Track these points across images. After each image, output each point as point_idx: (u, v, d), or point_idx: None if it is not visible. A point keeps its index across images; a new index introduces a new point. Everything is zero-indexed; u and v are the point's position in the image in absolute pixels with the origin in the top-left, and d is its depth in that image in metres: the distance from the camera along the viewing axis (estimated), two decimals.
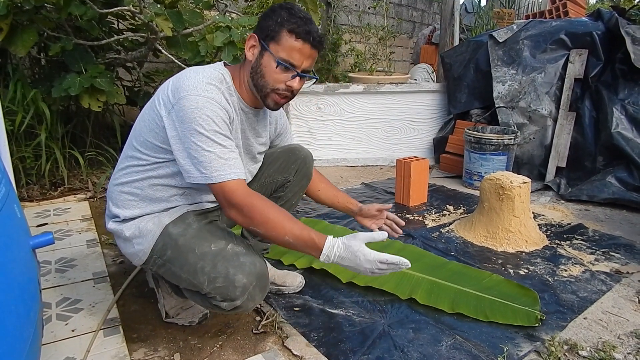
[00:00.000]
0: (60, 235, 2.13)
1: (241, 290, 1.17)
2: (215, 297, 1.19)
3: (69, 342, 1.35)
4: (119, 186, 1.30)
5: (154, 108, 1.23)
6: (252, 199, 1.16)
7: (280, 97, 1.26)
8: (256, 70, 1.24)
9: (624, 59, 2.91)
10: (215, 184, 1.15)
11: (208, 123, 1.14)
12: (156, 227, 1.25)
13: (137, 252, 1.27)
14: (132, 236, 1.27)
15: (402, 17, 7.03)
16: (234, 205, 1.15)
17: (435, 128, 3.83)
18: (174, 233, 1.24)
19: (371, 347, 1.34)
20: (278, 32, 1.19)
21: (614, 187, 2.72)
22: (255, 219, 1.15)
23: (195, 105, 1.13)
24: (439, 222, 2.42)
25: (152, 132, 1.23)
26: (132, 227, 1.27)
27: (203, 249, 1.21)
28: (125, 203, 1.29)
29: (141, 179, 1.27)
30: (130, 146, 1.30)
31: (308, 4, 2.97)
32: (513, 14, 6.01)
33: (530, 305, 1.54)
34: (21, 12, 2.38)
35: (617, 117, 2.84)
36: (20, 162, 2.63)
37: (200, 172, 1.14)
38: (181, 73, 1.24)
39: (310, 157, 1.59)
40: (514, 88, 3.24)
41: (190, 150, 1.14)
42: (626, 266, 1.91)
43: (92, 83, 2.52)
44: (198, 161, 1.14)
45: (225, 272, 1.17)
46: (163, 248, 1.24)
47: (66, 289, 1.66)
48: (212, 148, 1.14)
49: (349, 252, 1.15)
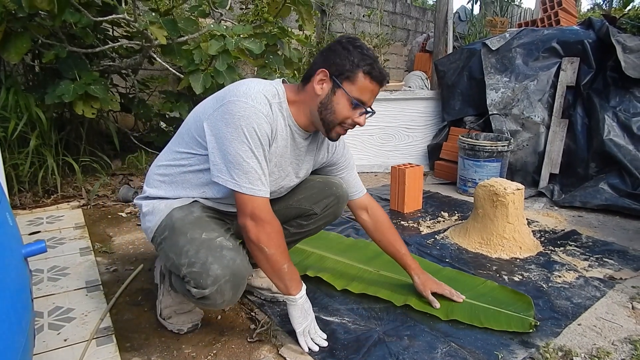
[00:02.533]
0: (53, 243, 2.12)
1: (212, 280, 1.18)
2: (189, 282, 1.21)
3: (61, 352, 1.33)
4: (156, 167, 1.40)
5: (205, 105, 1.30)
6: (276, 220, 1.26)
7: (344, 130, 1.32)
8: (326, 105, 1.27)
9: (615, 67, 2.94)
10: (245, 195, 1.20)
11: (252, 135, 1.17)
12: (165, 209, 1.31)
13: (147, 228, 1.35)
14: (147, 212, 1.34)
15: (396, 25, 7.09)
16: (257, 217, 1.21)
17: (429, 135, 3.85)
18: (175, 216, 1.28)
19: (366, 355, 1.34)
20: (354, 73, 1.24)
21: (606, 194, 2.74)
22: (272, 238, 1.23)
23: (242, 113, 1.17)
24: (434, 229, 2.43)
25: (195, 124, 1.29)
26: (149, 204, 1.35)
27: (194, 234, 1.24)
28: (155, 182, 1.38)
29: (176, 165, 1.34)
30: (178, 135, 1.37)
31: (303, 13, 2.99)
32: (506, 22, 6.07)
33: (524, 311, 1.54)
34: (15, 19, 2.38)
35: (608, 124, 2.87)
36: (13, 169, 2.61)
37: (233, 178, 1.19)
38: (240, 81, 1.31)
39: (345, 197, 1.57)
40: (507, 95, 3.27)
41: (227, 155, 1.18)
42: (619, 272, 1.92)
43: (86, 90, 2.52)
44: (234, 167, 1.19)
45: (204, 260, 1.19)
46: (164, 228, 1.29)
47: (58, 297, 1.64)
48: (251, 160, 1.19)
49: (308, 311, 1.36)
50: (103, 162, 3.03)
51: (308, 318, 1.37)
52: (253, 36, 2.77)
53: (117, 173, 3.23)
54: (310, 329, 1.37)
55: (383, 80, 1.27)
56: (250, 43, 2.58)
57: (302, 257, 1.93)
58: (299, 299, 1.32)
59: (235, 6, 4.16)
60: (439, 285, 1.60)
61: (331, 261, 1.91)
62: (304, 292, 1.34)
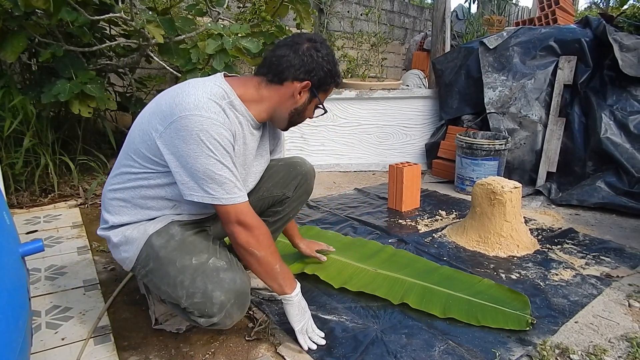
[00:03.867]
0: (51, 242, 2.11)
1: (218, 307, 1.18)
2: (193, 312, 1.20)
3: (58, 351, 1.33)
4: (111, 192, 1.31)
5: (149, 119, 1.22)
6: (262, 222, 1.26)
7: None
8: (299, 112, 1.34)
9: (612, 66, 2.95)
10: (226, 206, 1.18)
11: (216, 147, 1.14)
12: (141, 236, 1.25)
13: (124, 259, 1.29)
14: (119, 243, 1.28)
15: (394, 23, 7.09)
16: (243, 223, 1.20)
17: (427, 134, 3.86)
18: (156, 245, 1.23)
19: (364, 353, 1.34)
20: (329, 85, 1.34)
21: (603, 192, 2.75)
22: (261, 241, 1.23)
23: (200, 127, 1.12)
24: (432, 227, 2.43)
25: (145, 144, 1.21)
26: (118, 234, 1.28)
27: (184, 262, 1.21)
28: (115, 209, 1.30)
29: (132, 187, 1.27)
30: (125, 153, 1.29)
31: (301, 11, 2.99)
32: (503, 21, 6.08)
33: (521, 309, 1.55)
34: (11, 18, 2.37)
35: (605, 123, 2.87)
36: (10, 168, 2.60)
37: (208, 193, 1.16)
38: (180, 87, 1.23)
39: (312, 173, 1.61)
40: (505, 94, 3.28)
41: (196, 172, 1.14)
42: (616, 270, 1.93)
43: (82, 89, 2.51)
44: (206, 182, 1.15)
45: (204, 288, 1.18)
46: (146, 259, 1.24)
47: (56, 296, 1.64)
48: (222, 172, 1.16)
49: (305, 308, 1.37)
50: (100, 161, 3.02)
51: (305, 316, 1.38)
52: (251, 35, 2.76)
53: None
54: (308, 328, 1.37)
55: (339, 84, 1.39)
56: (248, 42, 2.57)
57: (299, 256, 1.93)
58: (295, 297, 1.33)
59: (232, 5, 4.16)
60: (318, 245, 1.87)
61: (329, 259, 1.91)
62: (299, 290, 1.34)
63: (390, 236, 2.28)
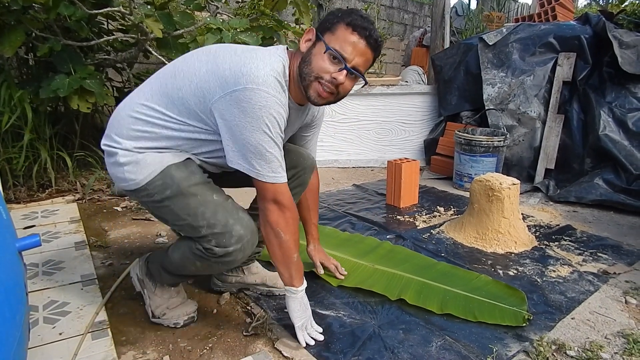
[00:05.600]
0: (48, 237, 2.11)
1: (236, 239, 1.24)
2: (210, 241, 1.24)
3: (56, 346, 1.33)
4: (132, 119, 1.25)
5: (207, 78, 1.18)
6: (295, 207, 1.28)
7: (324, 88, 1.20)
8: (305, 59, 1.21)
9: (611, 63, 2.95)
10: (267, 183, 1.20)
11: (274, 125, 1.15)
12: (157, 164, 1.24)
13: (126, 179, 1.25)
14: (127, 163, 1.24)
15: (393, 19, 7.07)
16: (279, 203, 1.22)
17: (426, 130, 3.85)
18: (176, 176, 1.24)
19: (362, 348, 1.34)
20: (335, 24, 1.19)
21: (601, 189, 2.75)
22: (289, 225, 1.25)
23: (263, 103, 1.13)
24: (430, 224, 2.44)
25: (196, 99, 1.20)
26: (129, 155, 1.25)
27: (205, 197, 1.26)
28: (130, 133, 1.25)
29: (162, 126, 1.24)
30: (162, 91, 1.24)
31: (300, 6, 2.98)
32: (503, 17, 6.06)
33: (517, 305, 1.55)
34: (8, 12, 2.35)
35: (604, 120, 2.87)
36: (8, 163, 2.59)
37: (254, 167, 1.18)
38: (244, 53, 1.20)
39: (312, 169, 1.59)
40: (504, 90, 3.27)
41: (247, 144, 1.15)
42: (613, 267, 1.93)
43: (82, 84, 2.50)
44: (255, 157, 1.17)
45: (225, 222, 1.24)
46: (162, 187, 1.24)
47: (53, 291, 1.64)
48: (273, 150, 1.18)
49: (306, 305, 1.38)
50: (98, 156, 3.02)
51: (307, 313, 1.38)
52: (249, 29, 2.75)
53: None
54: (307, 325, 1.38)
55: (366, 33, 1.17)
56: (247, 36, 2.56)
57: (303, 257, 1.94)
58: (300, 292, 1.34)
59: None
60: (327, 259, 1.76)
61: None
62: (304, 287, 1.35)
63: (388, 232, 2.28)
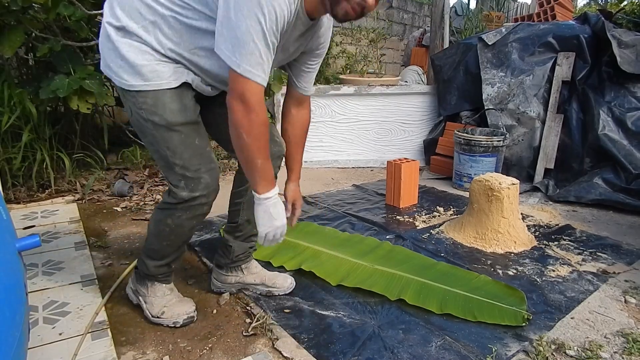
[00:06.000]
0: (48, 237, 2.11)
1: (203, 187, 1.32)
2: (180, 181, 1.31)
3: (55, 346, 1.33)
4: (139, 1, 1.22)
5: None
6: (264, 110, 1.19)
7: (351, 7, 1.15)
8: None
9: (610, 62, 2.95)
10: (240, 76, 1.12)
11: (271, 19, 1.09)
12: (152, 77, 1.23)
13: (118, 73, 1.24)
14: (123, 56, 1.22)
15: (392, 19, 7.07)
16: (246, 101, 1.14)
17: (425, 130, 3.85)
18: (168, 107, 1.25)
19: (361, 349, 1.35)
20: None
21: (600, 188, 2.75)
22: (253, 127, 1.17)
23: None
24: (429, 224, 2.44)
25: None
26: (128, 46, 1.22)
27: (189, 138, 1.30)
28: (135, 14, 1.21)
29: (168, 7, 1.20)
30: None
31: None
32: (502, 17, 6.06)
33: (517, 305, 1.55)
34: (8, 12, 2.35)
35: (603, 119, 2.87)
36: (7, 163, 2.59)
37: (234, 54, 1.11)
38: None
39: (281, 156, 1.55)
40: (503, 90, 3.28)
41: (237, 30, 1.09)
42: (613, 266, 1.94)
43: (81, 84, 2.50)
44: (238, 44, 1.10)
45: (197, 168, 1.31)
46: (153, 108, 1.25)
47: (53, 292, 1.64)
48: (259, 43, 1.10)
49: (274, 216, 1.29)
50: (97, 157, 3.02)
51: (273, 223, 1.29)
52: None
53: (112, 167, 3.22)
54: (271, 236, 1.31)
55: None
56: None
57: (296, 252, 1.94)
58: (264, 200, 1.26)
59: None
60: (299, 204, 1.58)
61: (326, 256, 1.92)
62: (272, 195, 1.27)
63: (388, 232, 2.28)
